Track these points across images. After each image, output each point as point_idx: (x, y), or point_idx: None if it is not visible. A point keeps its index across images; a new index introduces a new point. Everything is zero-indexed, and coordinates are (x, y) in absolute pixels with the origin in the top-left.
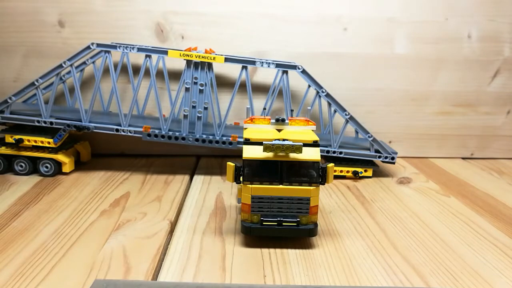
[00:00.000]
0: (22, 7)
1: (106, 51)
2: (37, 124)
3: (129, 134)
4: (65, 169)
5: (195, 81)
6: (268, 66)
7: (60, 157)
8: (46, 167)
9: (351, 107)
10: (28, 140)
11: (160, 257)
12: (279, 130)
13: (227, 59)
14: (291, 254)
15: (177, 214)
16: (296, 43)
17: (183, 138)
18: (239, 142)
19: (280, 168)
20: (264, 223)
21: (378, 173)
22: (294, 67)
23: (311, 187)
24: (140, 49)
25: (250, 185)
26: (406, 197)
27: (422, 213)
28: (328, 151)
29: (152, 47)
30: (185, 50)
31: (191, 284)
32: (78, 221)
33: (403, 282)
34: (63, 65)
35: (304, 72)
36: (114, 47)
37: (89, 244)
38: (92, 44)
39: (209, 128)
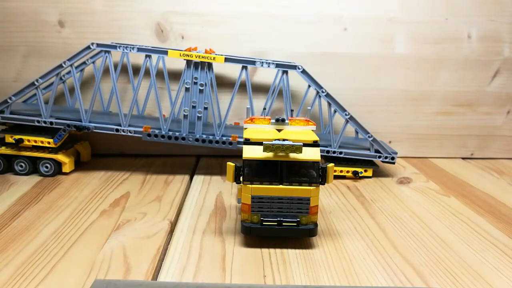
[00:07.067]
0: (22, 7)
1: (106, 51)
2: (37, 124)
3: (129, 134)
4: (65, 169)
5: (195, 81)
6: (268, 66)
7: (60, 157)
8: (46, 167)
9: (351, 107)
10: (28, 140)
11: (160, 257)
12: (279, 130)
13: (227, 59)
14: (291, 254)
15: (177, 214)
16: (296, 43)
17: (183, 138)
18: (239, 142)
19: (280, 168)
20: (264, 223)
21: (378, 173)
22: (294, 67)
23: (311, 187)
24: (140, 49)
25: (250, 185)
26: (406, 197)
27: (422, 213)
28: (328, 151)
29: (152, 47)
30: (185, 50)
31: (191, 284)
32: (78, 221)
33: (403, 282)
34: (63, 65)
35: (304, 72)
36: (114, 47)
37: (89, 244)
38: (92, 44)
39: (209, 128)
